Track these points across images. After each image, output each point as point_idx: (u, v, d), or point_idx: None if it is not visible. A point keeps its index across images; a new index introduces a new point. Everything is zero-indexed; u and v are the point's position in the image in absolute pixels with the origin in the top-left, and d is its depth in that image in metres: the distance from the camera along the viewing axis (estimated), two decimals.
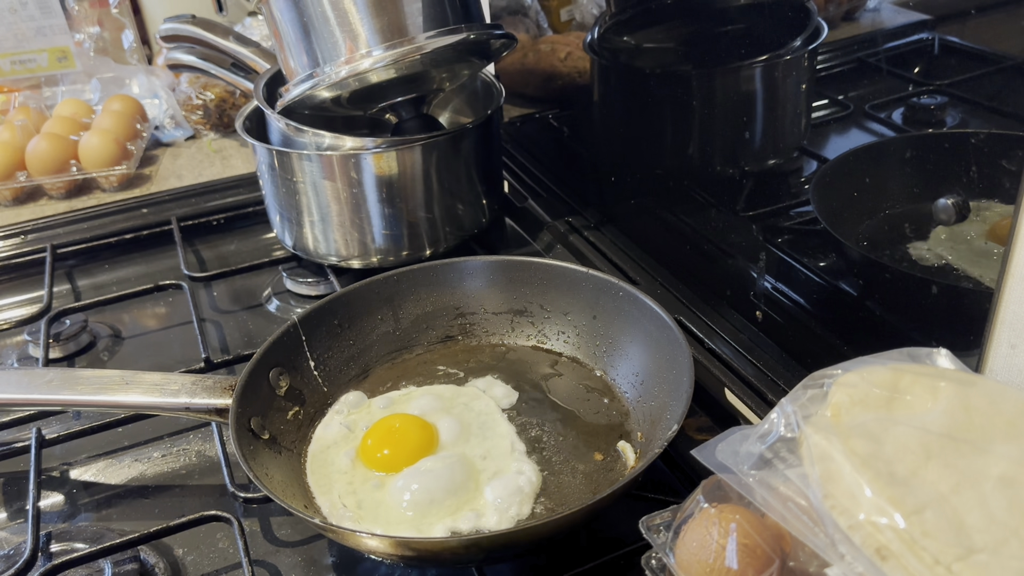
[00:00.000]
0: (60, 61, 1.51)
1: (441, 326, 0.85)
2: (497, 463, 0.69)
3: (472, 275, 0.85)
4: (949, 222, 0.55)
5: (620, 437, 0.72)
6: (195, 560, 0.67)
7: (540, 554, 0.65)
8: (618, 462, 0.70)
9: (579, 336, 0.82)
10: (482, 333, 0.85)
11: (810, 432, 0.46)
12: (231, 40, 1.05)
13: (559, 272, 0.83)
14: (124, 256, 1.12)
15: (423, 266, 0.84)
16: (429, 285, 0.84)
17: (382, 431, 0.72)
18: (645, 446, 0.70)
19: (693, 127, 0.82)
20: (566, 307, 0.83)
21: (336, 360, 0.80)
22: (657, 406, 0.71)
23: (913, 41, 0.58)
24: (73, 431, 0.77)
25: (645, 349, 0.76)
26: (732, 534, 0.46)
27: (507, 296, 0.85)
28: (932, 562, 0.39)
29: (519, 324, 0.85)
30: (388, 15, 0.82)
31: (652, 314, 0.75)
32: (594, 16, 0.94)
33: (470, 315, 0.85)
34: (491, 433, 0.72)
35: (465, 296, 0.85)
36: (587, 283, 0.81)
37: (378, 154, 0.89)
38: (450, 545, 0.60)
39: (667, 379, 0.71)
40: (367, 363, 0.82)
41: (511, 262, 0.85)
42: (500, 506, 0.65)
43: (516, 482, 0.67)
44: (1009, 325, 0.53)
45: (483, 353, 0.84)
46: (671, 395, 0.69)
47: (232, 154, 1.37)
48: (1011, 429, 0.45)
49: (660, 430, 0.68)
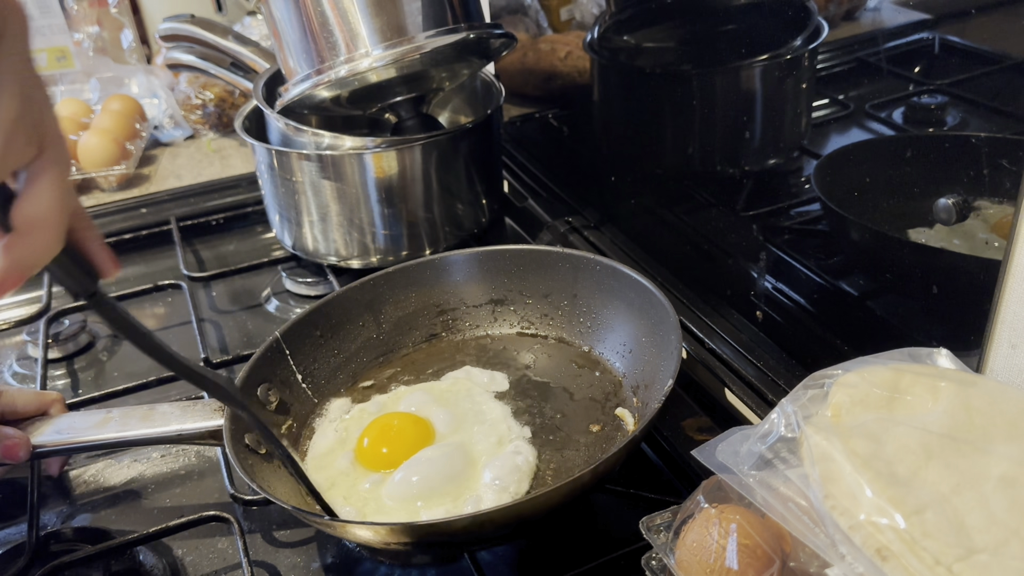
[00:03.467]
0: (59, 61, 1.51)
1: (424, 325, 0.85)
2: (493, 446, 0.69)
3: (448, 271, 0.85)
4: (950, 221, 0.55)
5: (617, 405, 0.73)
6: (194, 560, 0.67)
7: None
8: (619, 430, 0.70)
9: (562, 316, 0.83)
10: (465, 327, 0.85)
11: (810, 432, 0.45)
12: (230, 39, 1.05)
13: (533, 256, 0.83)
14: (123, 256, 1.12)
15: (398, 268, 0.84)
16: (407, 286, 0.84)
17: (377, 430, 0.72)
18: (642, 410, 0.71)
19: (693, 127, 0.82)
20: (545, 289, 0.83)
21: (323, 370, 0.79)
22: (648, 371, 0.72)
23: (913, 41, 0.58)
24: None
25: (629, 318, 0.77)
26: (732, 534, 0.46)
27: (485, 287, 0.85)
28: (933, 562, 0.39)
29: (501, 313, 0.85)
30: (387, 14, 0.82)
31: (632, 282, 0.76)
32: (594, 15, 0.94)
33: (451, 311, 0.85)
34: (485, 419, 0.73)
35: (444, 293, 0.85)
36: (563, 263, 0.82)
37: (378, 154, 0.89)
38: (460, 523, 0.59)
39: (654, 342, 0.72)
40: (354, 370, 0.81)
41: (484, 253, 0.85)
42: (498, 486, 0.65)
43: (513, 461, 0.67)
44: (1009, 325, 0.53)
45: (468, 347, 0.84)
46: (661, 356, 0.70)
47: (231, 154, 1.37)
48: (1012, 429, 0.45)
49: (654, 391, 0.69)
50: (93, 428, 0.69)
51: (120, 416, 0.70)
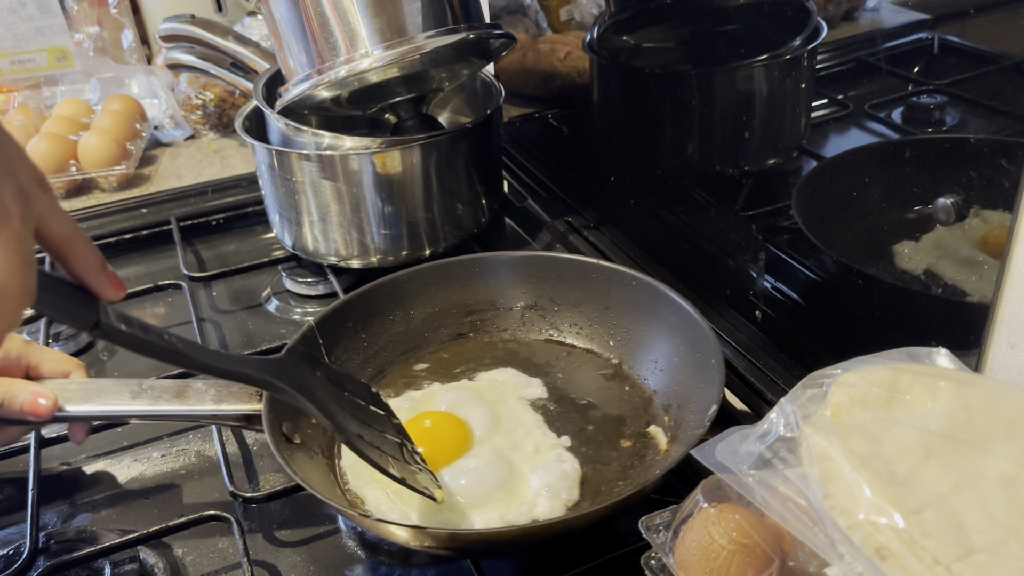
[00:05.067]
0: (59, 61, 1.51)
1: (452, 324, 0.85)
2: (532, 454, 0.69)
3: (480, 272, 0.85)
4: (948, 222, 0.55)
5: (648, 423, 0.72)
6: (195, 560, 0.67)
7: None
8: (649, 448, 0.70)
9: (592, 327, 0.82)
10: (493, 329, 0.85)
11: (809, 432, 0.46)
12: (230, 40, 1.05)
13: (568, 265, 0.83)
14: (123, 256, 1.12)
15: (430, 265, 0.84)
16: (437, 284, 0.84)
17: (420, 429, 0.71)
18: (675, 429, 0.70)
19: (692, 127, 0.82)
20: (577, 300, 0.83)
21: (353, 362, 0.80)
22: (683, 391, 0.72)
23: (912, 41, 0.58)
24: None
25: (662, 335, 0.76)
26: (732, 534, 0.46)
27: (516, 291, 0.85)
28: (932, 562, 0.39)
29: (530, 319, 0.85)
30: (387, 15, 0.82)
31: (668, 301, 0.75)
32: (593, 16, 0.94)
33: (480, 312, 0.85)
34: (520, 424, 0.72)
35: (474, 293, 0.85)
36: (598, 275, 0.81)
37: (377, 154, 0.89)
38: (506, 534, 0.59)
39: (689, 362, 0.72)
40: (382, 364, 0.82)
41: (520, 257, 0.85)
42: (548, 493, 0.65)
43: (561, 468, 0.67)
44: (1008, 325, 0.53)
45: (496, 349, 0.84)
46: (696, 378, 0.70)
47: (231, 154, 1.37)
48: (1011, 429, 0.45)
49: (691, 412, 0.68)
50: (126, 398, 0.66)
51: (153, 389, 0.67)
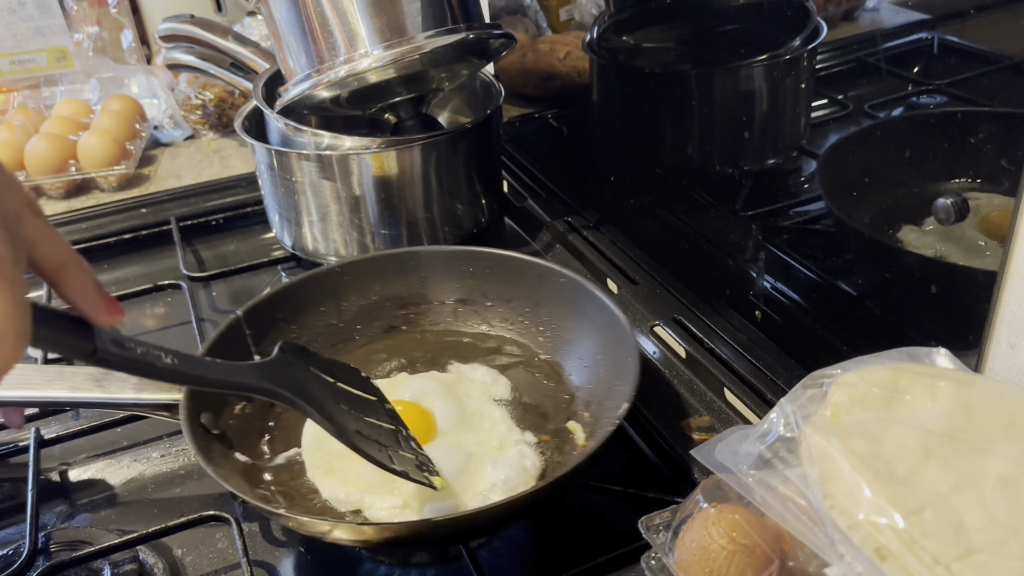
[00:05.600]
0: (59, 61, 1.51)
1: (385, 317, 0.85)
2: (498, 447, 0.69)
3: (415, 266, 0.85)
4: (948, 221, 0.55)
5: (568, 418, 0.73)
6: (194, 560, 0.67)
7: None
8: (567, 442, 0.71)
9: (523, 323, 0.83)
10: (426, 323, 0.86)
11: (809, 432, 0.46)
12: (230, 40, 1.05)
13: (500, 260, 0.84)
14: (123, 256, 1.12)
15: (365, 257, 0.85)
16: (372, 276, 0.84)
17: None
18: (593, 425, 0.71)
19: (692, 127, 0.82)
20: (509, 295, 0.83)
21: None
22: (603, 388, 0.72)
23: (912, 41, 0.58)
24: (72, 431, 0.77)
25: (588, 333, 0.77)
26: (731, 534, 0.46)
27: (450, 285, 0.85)
28: (931, 562, 0.39)
29: (462, 313, 0.85)
30: (387, 15, 0.82)
31: (594, 298, 0.76)
32: (593, 16, 0.94)
33: (413, 306, 0.86)
34: (484, 418, 0.73)
35: (408, 287, 0.85)
36: (529, 271, 0.82)
37: (377, 154, 0.89)
38: (413, 527, 0.60)
39: (611, 360, 0.72)
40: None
41: (452, 252, 0.85)
42: (505, 486, 0.65)
43: (521, 463, 0.67)
44: (1008, 324, 0.53)
45: (427, 342, 0.84)
46: (617, 376, 0.70)
47: (231, 154, 1.37)
48: (1010, 429, 0.45)
49: (608, 410, 0.69)
50: (43, 384, 0.67)
51: (75, 375, 0.67)
